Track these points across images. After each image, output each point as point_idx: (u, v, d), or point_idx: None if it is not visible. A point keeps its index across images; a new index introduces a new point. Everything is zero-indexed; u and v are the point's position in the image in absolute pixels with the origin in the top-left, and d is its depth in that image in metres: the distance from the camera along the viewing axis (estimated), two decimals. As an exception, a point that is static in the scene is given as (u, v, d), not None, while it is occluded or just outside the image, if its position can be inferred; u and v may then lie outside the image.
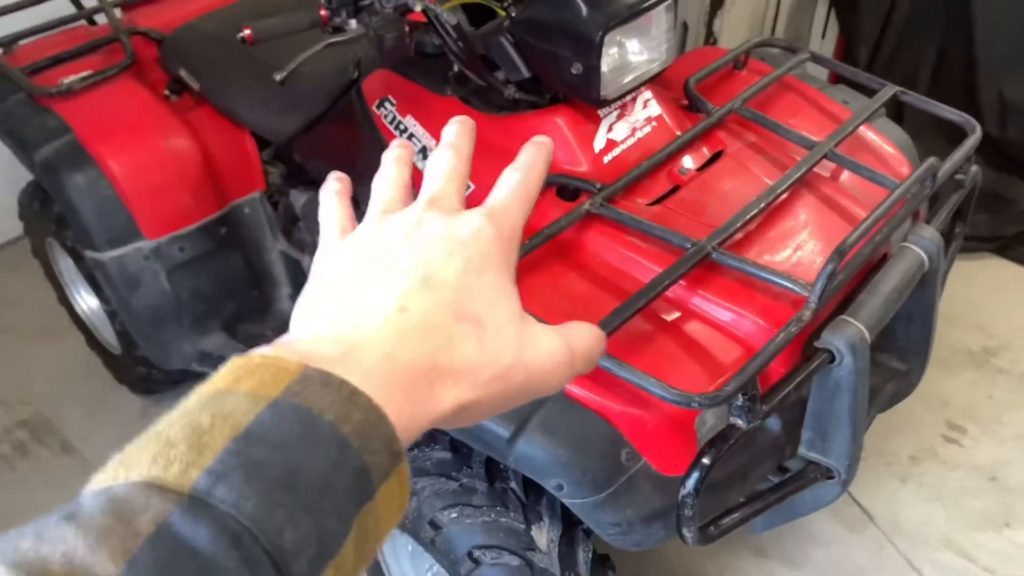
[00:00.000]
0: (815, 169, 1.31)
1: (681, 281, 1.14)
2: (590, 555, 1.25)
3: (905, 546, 1.84)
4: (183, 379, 2.19)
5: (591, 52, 1.19)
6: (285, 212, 2.02)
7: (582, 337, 0.42)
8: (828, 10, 2.84)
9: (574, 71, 1.22)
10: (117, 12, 2.05)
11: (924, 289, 1.26)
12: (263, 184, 1.99)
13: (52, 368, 2.41)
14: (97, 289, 2.02)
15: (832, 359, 1.08)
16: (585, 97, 1.26)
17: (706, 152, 1.36)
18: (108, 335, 2.19)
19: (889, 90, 1.46)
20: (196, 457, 0.28)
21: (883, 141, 1.49)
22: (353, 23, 1.27)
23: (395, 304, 0.36)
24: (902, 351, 1.35)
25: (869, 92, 1.52)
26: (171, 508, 0.26)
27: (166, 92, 1.94)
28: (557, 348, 0.40)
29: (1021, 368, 2.22)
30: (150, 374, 2.13)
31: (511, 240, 0.42)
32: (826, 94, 1.57)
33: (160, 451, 0.28)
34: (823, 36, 2.98)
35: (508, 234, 0.42)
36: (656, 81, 1.39)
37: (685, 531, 1.03)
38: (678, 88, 1.48)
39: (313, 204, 1.93)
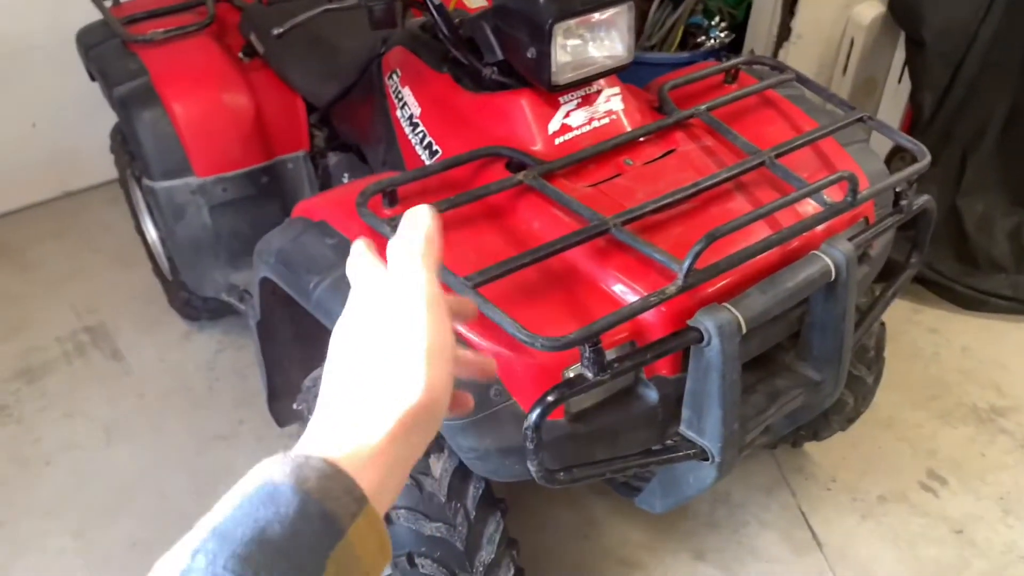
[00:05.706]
0: (773, 176, 1.39)
1: (593, 255, 1.26)
2: (480, 492, 1.36)
3: (846, 578, 1.83)
4: (219, 311, 2.45)
5: (542, 39, 1.32)
6: (323, 172, 2.24)
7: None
8: (909, 53, 2.80)
9: (529, 55, 1.36)
10: (216, -19, 2.35)
11: (833, 299, 1.30)
12: (308, 145, 2.22)
13: (122, 287, 2.74)
14: (155, 218, 2.31)
15: (701, 339, 1.16)
16: (539, 80, 1.38)
17: (657, 149, 1.46)
18: (163, 261, 2.47)
19: (855, 114, 1.50)
20: (185, 546, 0.37)
21: (851, 164, 1.52)
22: (354, -6, 1.45)
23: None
24: (816, 361, 1.39)
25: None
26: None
27: (240, 54, 2.20)
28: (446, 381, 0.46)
29: (1026, 433, 2.14)
30: (191, 299, 2.39)
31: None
32: (811, 116, 1.62)
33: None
34: (899, 81, 2.94)
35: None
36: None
37: (530, 465, 1.13)
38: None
39: (340, 166, 2.15)
